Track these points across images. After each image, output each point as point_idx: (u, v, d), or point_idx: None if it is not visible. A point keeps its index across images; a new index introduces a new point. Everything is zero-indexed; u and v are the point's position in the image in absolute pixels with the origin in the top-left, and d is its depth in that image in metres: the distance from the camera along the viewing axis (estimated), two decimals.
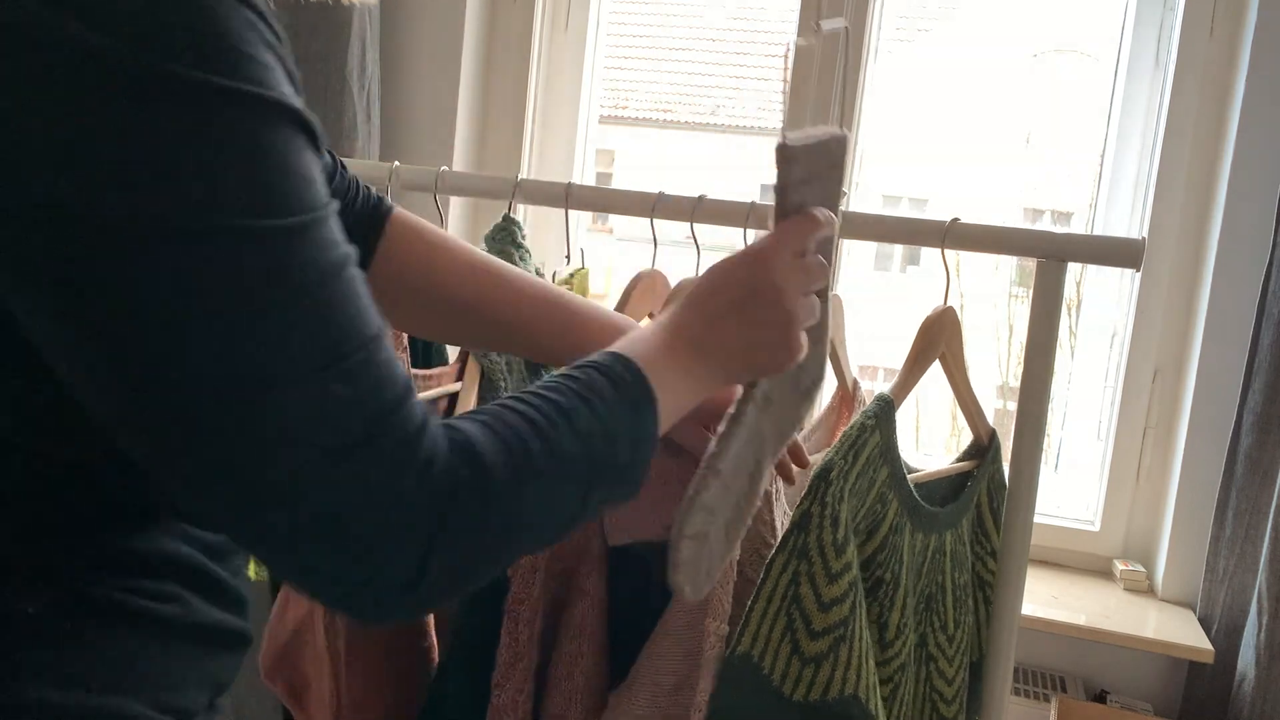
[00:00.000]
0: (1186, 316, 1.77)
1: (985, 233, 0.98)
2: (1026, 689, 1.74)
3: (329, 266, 0.49)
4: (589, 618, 0.91)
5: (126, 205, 0.44)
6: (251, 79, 0.47)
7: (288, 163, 0.48)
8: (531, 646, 0.89)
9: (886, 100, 2.04)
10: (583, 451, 0.57)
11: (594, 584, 0.91)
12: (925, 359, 0.99)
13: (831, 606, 0.82)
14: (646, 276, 1.10)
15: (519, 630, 0.89)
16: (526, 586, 0.89)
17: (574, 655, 0.90)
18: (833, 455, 0.85)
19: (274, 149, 0.48)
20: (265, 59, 0.48)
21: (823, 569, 0.82)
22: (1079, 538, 1.87)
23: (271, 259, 0.47)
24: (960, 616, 1.02)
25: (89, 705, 0.56)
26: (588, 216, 2.25)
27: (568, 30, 2.07)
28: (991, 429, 1.06)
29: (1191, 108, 1.74)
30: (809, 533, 0.83)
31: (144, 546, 0.59)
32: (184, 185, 0.45)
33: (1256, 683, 1.56)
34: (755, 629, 0.83)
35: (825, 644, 0.82)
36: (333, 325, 0.48)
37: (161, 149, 0.45)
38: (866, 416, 0.89)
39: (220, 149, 0.46)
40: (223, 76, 0.46)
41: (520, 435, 0.55)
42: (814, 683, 0.82)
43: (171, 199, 0.45)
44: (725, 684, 0.83)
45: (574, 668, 0.90)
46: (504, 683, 0.89)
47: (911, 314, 1.06)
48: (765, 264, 0.68)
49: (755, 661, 0.82)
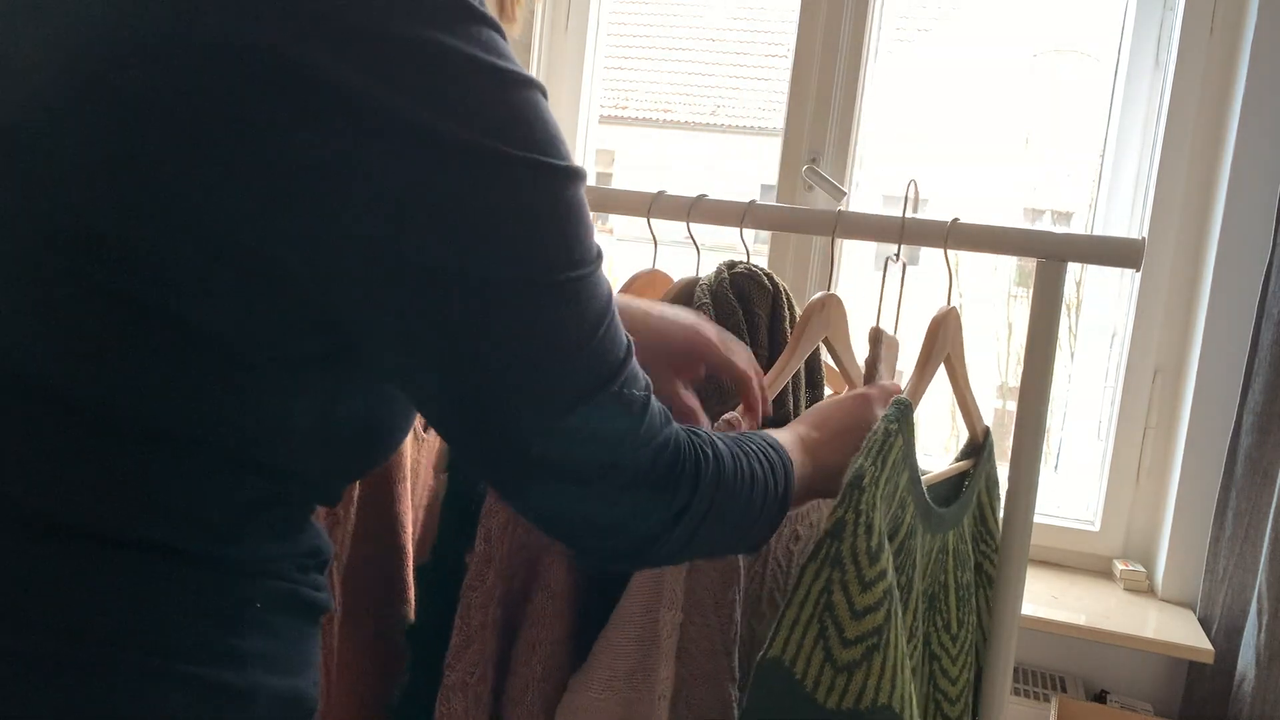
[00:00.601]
0: (1186, 316, 1.77)
1: (985, 233, 0.98)
2: (1026, 689, 1.74)
3: (608, 297, 0.62)
4: (547, 609, 0.93)
5: (494, 266, 0.56)
6: (563, 154, 0.58)
7: (586, 219, 0.60)
8: (484, 632, 0.92)
9: (886, 100, 2.04)
10: (761, 499, 0.75)
11: (555, 577, 0.93)
12: (935, 360, 1.00)
13: (865, 614, 0.82)
14: (646, 276, 1.10)
15: (470, 615, 0.91)
16: (480, 575, 0.91)
17: (531, 643, 0.93)
18: (863, 461, 0.84)
19: (581, 211, 0.60)
20: (558, 131, 0.59)
21: (856, 576, 0.82)
22: (1079, 538, 1.87)
23: (585, 300, 0.60)
24: (964, 615, 1.02)
25: (284, 686, 0.65)
26: None
27: (568, 30, 2.07)
28: (986, 427, 1.07)
29: (1191, 108, 1.74)
30: (843, 540, 0.82)
31: (308, 543, 0.70)
32: (533, 248, 0.57)
33: (1256, 683, 1.56)
34: (787, 634, 0.82)
35: (858, 652, 0.81)
36: (616, 345, 0.62)
37: (521, 219, 0.56)
38: (889, 421, 0.89)
39: (554, 216, 0.58)
40: (551, 157, 0.57)
41: (739, 456, 0.72)
42: (847, 691, 0.81)
43: (523, 261, 0.57)
44: (757, 687, 0.83)
45: (531, 655, 0.92)
46: (454, 663, 0.91)
47: (911, 314, 1.06)
48: (869, 404, 0.91)
49: (787, 666, 0.82)
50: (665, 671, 0.85)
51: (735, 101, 4.29)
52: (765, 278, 1.06)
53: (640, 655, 0.88)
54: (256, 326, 0.57)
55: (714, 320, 0.99)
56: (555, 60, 2.07)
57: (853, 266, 2.04)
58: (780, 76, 1.98)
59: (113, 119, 0.53)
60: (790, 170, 1.89)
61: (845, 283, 1.98)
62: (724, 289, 1.02)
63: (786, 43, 1.93)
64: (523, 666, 0.92)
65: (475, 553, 0.91)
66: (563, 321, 0.58)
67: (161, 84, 0.53)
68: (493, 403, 0.59)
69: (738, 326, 1.02)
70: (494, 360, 0.57)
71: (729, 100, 4.30)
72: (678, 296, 1.05)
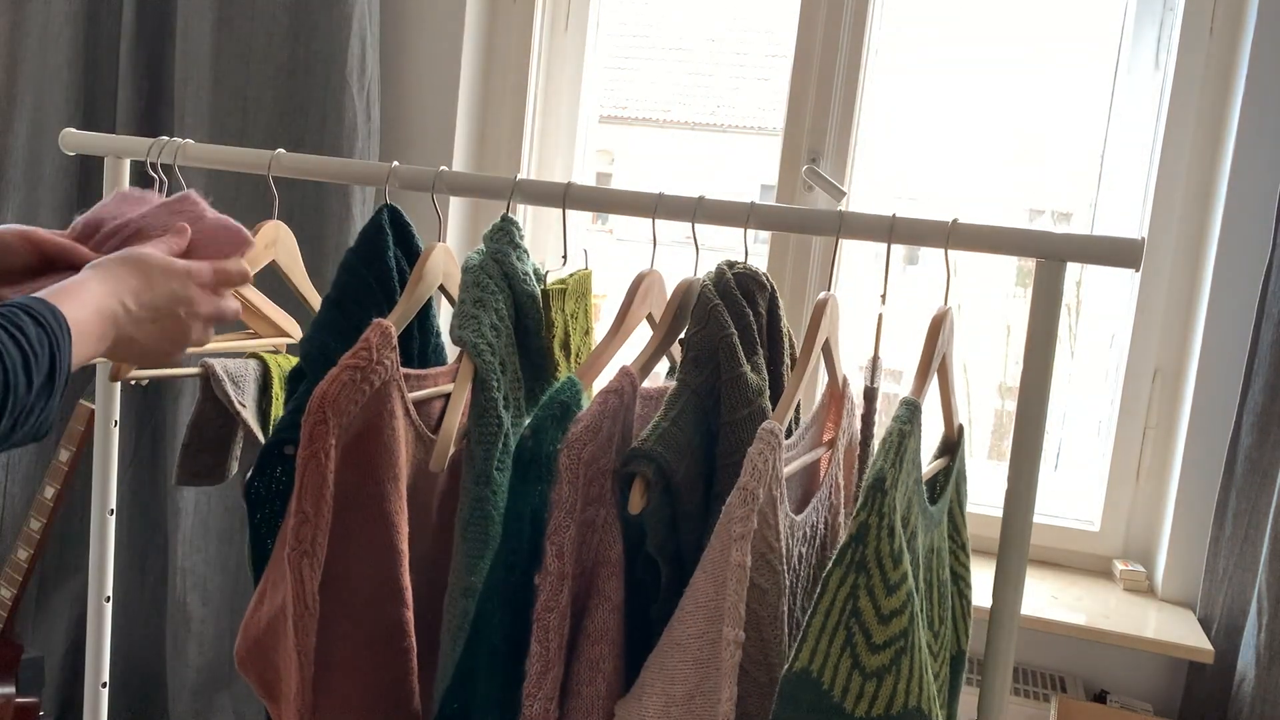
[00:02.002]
0: (1186, 316, 1.77)
1: (985, 233, 0.98)
2: (1026, 689, 1.74)
3: None
4: (610, 622, 0.90)
5: None
6: None
7: None
8: (561, 655, 0.88)
9: (886, 100, 2.04)
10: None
11: (614, 588, 0.91)
12: (937, 359, 1.00)
13: (891, 618, 0.81)
14: (646, 276, 1.10)
15: (549, 639, 0.88)
16: (555, 594, 0.88)
17: (596, 661, 0.89)
18: (882, 464, 0.83)
19: None
20: None
21: (881, 581, 0.81)
22: (1079, 538, 1.87)
23: None
24: (943, 612, 1.02)
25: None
26: (588, 216, 2.25)
27: (568, 30, 2.07)
28: (960, 424, 1.07)
29: (1191, 108, 1.74)
30: (867, 545, 0.81)
31: None
32: None
33: (1256, 683, 1.56)
34: (814, 644, 0.81)
35: (887, 657, 0.80)
36: None
37: None
38: (902, 422, 0.88)
39: None
40: None
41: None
42: (877, 697, 0.80)
43: None
44: (784, 700, 0.81)
45: (596, 674, 0.89)
46: (535, 693, 0.88)
47: (912, 314, 1.06)
48: None
49: (815, 677, 0.80)
50: (728, 693, 0.82)
51: (735, 101, 4.28)
52: (764, 277, 1.07)
53: (699, 678, 0.84)
54: None
55: (728, 320, 0.99)
56: (555, 60, 2.07)
57: (853, 266, 2.04)
58: (780, 76, 1.98)
59: None
60: (790, 170, 1.89)
61: (845, 283, 1.98)
62: (731, 289, 1.02)
63: (786, 43, 1.93)
64: (587, 687, 0.89)
65: (548, 571, 0.88)
66: None
67: None
68: None
69: (748, 326, 1.02)
70: None
71: (729, 100, 4.29)
72: (683, 298, 1.05)
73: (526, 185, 1.14)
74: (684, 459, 0.93)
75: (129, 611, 2.12)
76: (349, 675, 1.01)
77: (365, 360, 0.97)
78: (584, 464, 0.89)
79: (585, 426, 0.90)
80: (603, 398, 0.93)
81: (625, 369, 0.98)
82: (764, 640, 0.89)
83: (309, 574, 0.94)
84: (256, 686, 1.04)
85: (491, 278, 1.09)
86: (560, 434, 0.92)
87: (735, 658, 0.83)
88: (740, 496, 0.84)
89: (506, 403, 1.07)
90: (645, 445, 0.91)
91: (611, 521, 0.92)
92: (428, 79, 1.96)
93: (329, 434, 0.93)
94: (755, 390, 0.98)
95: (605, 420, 0.92)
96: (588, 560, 0.91)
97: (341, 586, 0.99)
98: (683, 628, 0.86)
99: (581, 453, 0.89)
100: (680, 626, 0.86)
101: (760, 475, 0.85)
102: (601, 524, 0.92)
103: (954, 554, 1.06)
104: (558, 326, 1.14)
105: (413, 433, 1.06)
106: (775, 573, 0.88)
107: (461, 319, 1.06)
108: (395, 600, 1.03)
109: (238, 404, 1.29)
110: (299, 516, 0.94)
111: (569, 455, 0.89)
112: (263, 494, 1.08)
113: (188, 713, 2.05)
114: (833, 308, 1.03)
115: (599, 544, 0.92)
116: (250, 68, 1.89)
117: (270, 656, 1.01)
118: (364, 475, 0.99)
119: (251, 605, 1.04)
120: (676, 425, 0.93)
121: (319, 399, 0.94)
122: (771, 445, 0.86)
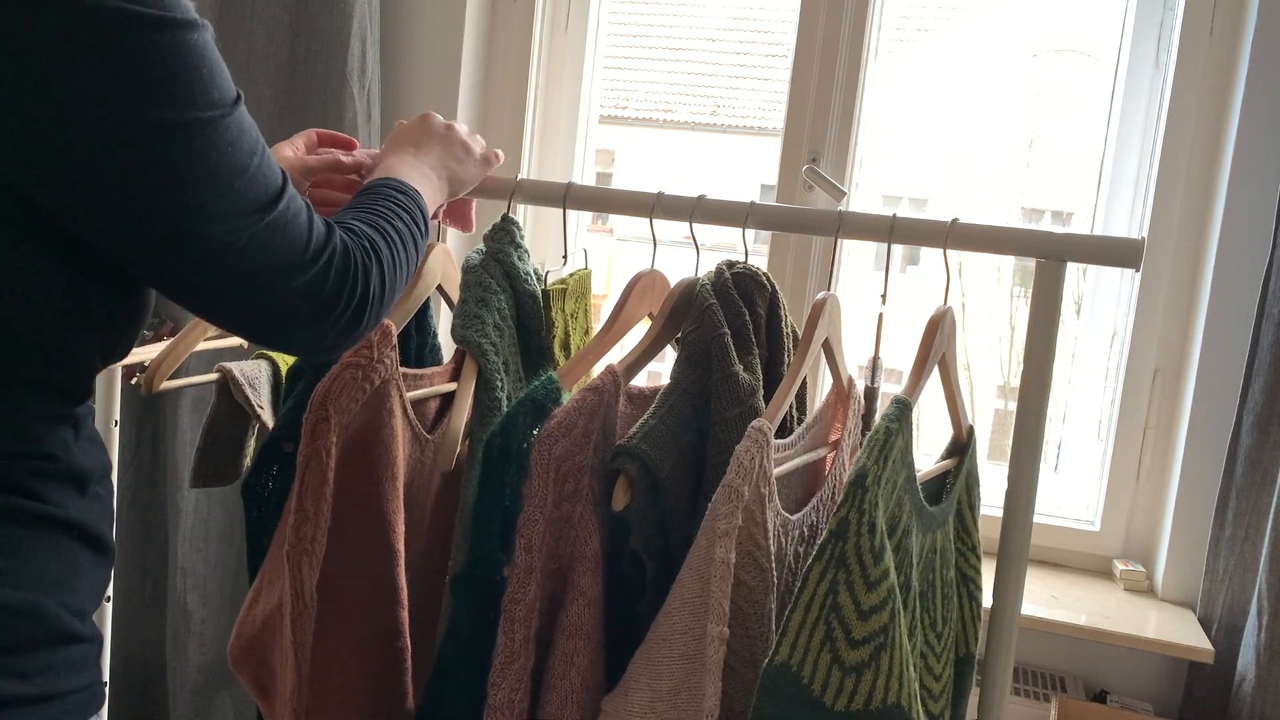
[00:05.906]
0: (1186, 316, 1.77)
1: (985, 233, 0.98)
2: (1026, 689, 1.74)
3: (256, 135, 0.73)
4: (585, 617, 0.91)
5: (126, 108, 0.65)
6: (177, 7, 0.68)
7: (211, 66, 0.70)
8: (527, 646, 0.89)
9: (886, 100, 2.04)
10: (414, 245, 0.89)
11: (589, 583, 0.91)
12: (933, 359, 1.00)
13: (871, 614, 0.81)
14: (646, 276, 1.10)
15: (514, 630, 0.89)
16: (522, 587, 0.89)
17: (570, 654, 0.90)
18: (865, 461, 0.84)
19: (201, 58, 0.69)
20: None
21: (861, 576, 0.81)
22: (1079, 538, 1.87)
23: (233, 136, 0.70)
24: (948, 613, 1.02)
25: (14, 599, 0.71)
26: (588, 216, 2.25)
27: (568, 30, 2.07)
28: (970, 426, 1.07)
29: (1191, 108, 1.74)
30: (847, 540, 0.82)
31: (41, 450, 0.75)
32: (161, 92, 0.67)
33: (1256, 683, 1.56)
34: (794, 638, 0.82)
35: (866, 652, 0.81)
36: (273, 174, 0.74)
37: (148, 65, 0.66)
38: (890, 420, 0.89)
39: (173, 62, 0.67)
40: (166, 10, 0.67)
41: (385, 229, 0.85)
42: (855, 692, 0.81)
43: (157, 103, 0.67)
44: (764, 694, 0.82)
45: (569, 667, 0.90)
46: (500, 682, 0.89)
47: (912, 314, 1.06)
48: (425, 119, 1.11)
49: (794, 671, 0.81)
50: (712, 689, 0.83)
51: (735, 101, 4.28)
52: (764, 277, 1.07)
53: (685, 673, 0.85)
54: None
55: (722, 319, 0.99)
56: (555, 60, 2.07)
57: (853, 266, 2.04)
58: (780, 76, 1.98)
59: None
60: (790, 170, 1.89)
61: (845, 283, 1.98)
62: (728, 289, 1.02)
63: (786, 43, 1.93)
64: (560, 680, 0.90)
65: (515, 564, 0.89)
66: (219, 154, 0.69)
67: None
68: (174, 227, 0.69)
69: (744, 326, 1.02)
70: (166, 192, 0.68)
71: (729, 100, 4.29)
72: (680, 297, 1.05)
73: (527, 185, 1.14)
74: (670, 457, 0.93)
75: (129, 611, 2.12)
76: (344, 674, 1.01)
77: (366, 359, 0.97)
78: (555, 459, 0.90)
79: (558, 423, 0.91)
80: (581, 395, 0.94)
81: (610, 367, 0.98)
82: (750, 637, 0.90)
83: (308, 571, 0.94)
84: (250, 685, 1.04)
85: (493, 277, 1.09)
86: (533, 430, 0.92)
87: (720, 654, 0.83)
88: (725, 494, 0.84)
89: (510, 403, 1.07)
90: (630, 443, 0.91)
91: (588, 518, 0.93)
92: (428, 79, 1.96)
93: (330, 431, 0.94)
94: (747, 390, 0.98)
95: (581, 417, 0.92)
96: (564, 556, 0.92)
97: (338, 585, 0.99)
98: (669, 623, 0.86)
99: (553, 448, 0.90)
100: (666, 622, 0.87)
101: (747, 473, 0.85)
102: (577, 520, 0.92)
103: (963, 555, 1.06)
104: (558, 326, 1.14)
105: (409, 432, 1.06)
106: (762, 570, 0.89)
107: (465, 319, 1.06)
108: (391, 600, 1.03)
109: (256, 407, 1.30)
110: (299, 514, 0.94)
111: (540, 450, 0.90)
112: (260, 492, 1.08)
113: (188, 712, 2.05)
114: (832, 307, 1.03)
115: (575, 540, 0.92)
116: (250, 66, 1.89)
117: (265, 654, 1.01)
118: (362, 474, 0.99)
119: (246, 603, 1.04)
120: (664, 423, 0.94)
121: (321, 396, 0.94)
122: (760, 444, 0.87)
